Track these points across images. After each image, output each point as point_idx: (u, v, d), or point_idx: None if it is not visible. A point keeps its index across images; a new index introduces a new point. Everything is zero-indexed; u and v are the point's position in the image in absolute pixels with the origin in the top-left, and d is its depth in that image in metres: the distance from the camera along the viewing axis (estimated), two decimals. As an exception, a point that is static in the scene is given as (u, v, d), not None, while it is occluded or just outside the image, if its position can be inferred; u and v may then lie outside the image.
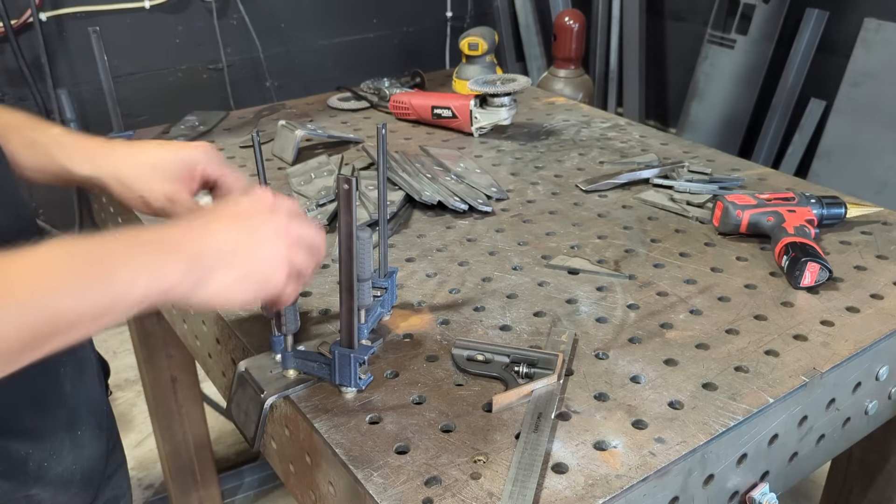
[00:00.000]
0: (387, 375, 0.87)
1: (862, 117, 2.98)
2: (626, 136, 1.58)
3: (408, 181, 1.31)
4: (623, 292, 1.03)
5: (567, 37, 2.67)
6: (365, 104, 1.76)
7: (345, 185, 0.72)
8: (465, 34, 1.85)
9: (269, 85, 3.23)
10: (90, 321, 0.59)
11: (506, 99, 1.52)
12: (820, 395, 0.88)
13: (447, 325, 0.96)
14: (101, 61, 1.52)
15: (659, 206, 1.27)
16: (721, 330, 0.94)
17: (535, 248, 1.14)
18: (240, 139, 1.58)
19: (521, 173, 1.41)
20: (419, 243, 1.17)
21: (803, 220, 1.12)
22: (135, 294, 0.60)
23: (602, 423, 0.79)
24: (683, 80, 3.73)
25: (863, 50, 2.97)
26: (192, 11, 2.99)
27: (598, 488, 0.71)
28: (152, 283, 0.62)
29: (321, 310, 0.99)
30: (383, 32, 3.49)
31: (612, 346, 0.92)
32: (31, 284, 0.55)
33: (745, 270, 1.08)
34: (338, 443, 0.77)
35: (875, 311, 0.98)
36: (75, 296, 0.57)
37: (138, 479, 2.25)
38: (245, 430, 0.90)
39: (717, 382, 0.85)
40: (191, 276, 0.65)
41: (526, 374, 0.85)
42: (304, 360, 0.85)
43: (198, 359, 1.19)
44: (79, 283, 0.58)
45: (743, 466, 0.82)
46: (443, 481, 0.72)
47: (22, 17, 2.58)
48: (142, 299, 0.61)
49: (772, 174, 1.38)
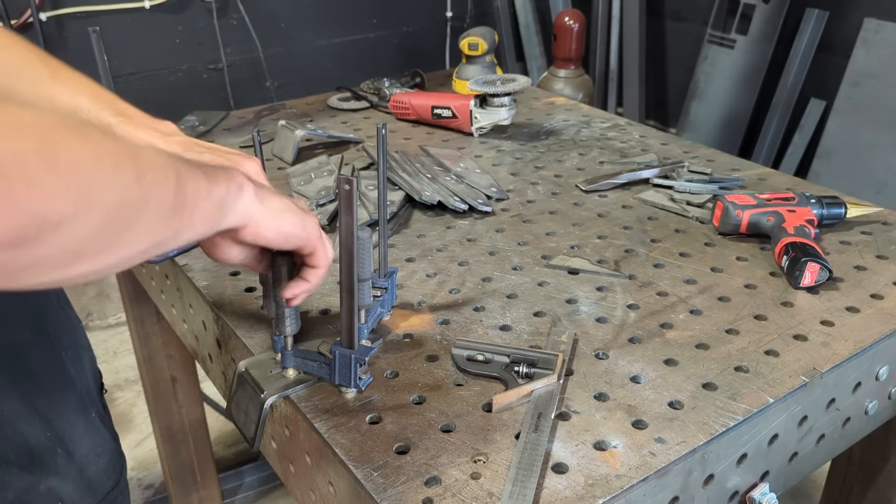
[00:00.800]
0: (387, 375, 0.87)
1: (862, 117, 2.98)
2: (626, 136, 1.58)
3: (408, 181, 1.31)
4: (623, 292, 1.03)
5: (567, 37, 2.67)
6: (365, 104, 1.76)
7: (346, 186, 0.72)
8: (465, 34, 1.85)
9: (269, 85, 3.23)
10: (164, 220, 0.57)
11: (506, 99, 1.52)
12: (820, 395, 0.88)
13: (447, 325, 0.96)
14: (101, 61, 1.53)
15: (659, 206, 1.27)
16: (721, 330, 0.94)
17: (535, 248, 1.14)
18: (240, 139, 1.58)
19: (521, 173, 1.41)
20: (419, 243, 1.17)
21: (803, 220, 1.12)
22: (211, 202, 0.62)
23: (602, 423, 0.79)
24: (683, 80, 3.73)
25: (863, 50, 2.97)
26: (192, 11, 2.99)
27: (598, 488, 0.71)
28: (229, 192, 0.64)
29: (321, 310, 0.99)
30: (383, 32, 3.49)
31: (612, 346, 0.92)
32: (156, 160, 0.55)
33: (745, 270, 1.08)
34: (338, 443, 0.77)
35: (875, 311, 0.98)
36: (160, 187, 0.56)
37: (138, 479, 2.25)
38: (245, 430, 0.90)
39: (717, 382, 0.85)
40: (255, 193, 0.68)
41: (526, 374, 0.85)
42: (303, 360, 0.85)
43: (198, 359, 1.19)
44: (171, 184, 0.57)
45: (743, 466, 0.82)
46: (443, 481, 0.72)
47: (22, 17, 2.59)
48: (216, 209, 0.63)
49: (772, 174, 1.38)
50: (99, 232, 0.48)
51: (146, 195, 0.52)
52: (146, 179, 0.52)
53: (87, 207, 0.46)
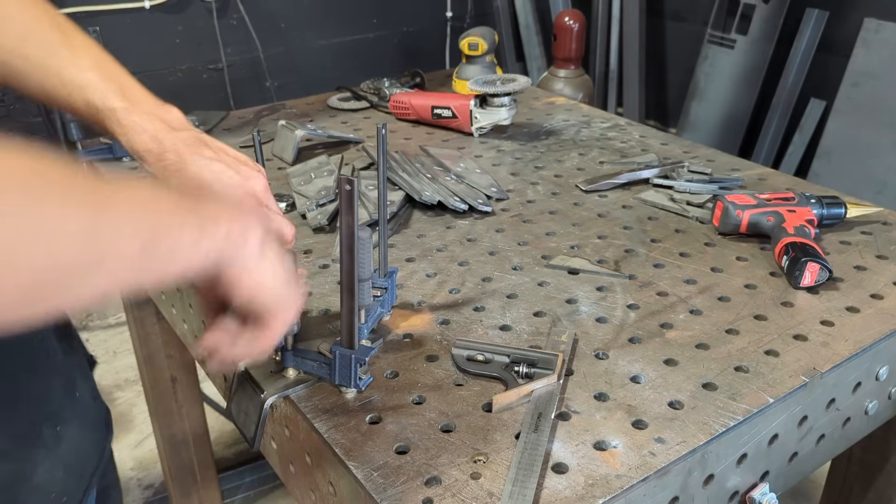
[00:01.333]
0: (387, 375, 0.87)
1: (862, 117, 2.99)
2: (626, 136, 1.58)
3: (408, 181, 1.31)
4: (623, 292, 1.03)
5: (567, 37, 2.67)
6: (365, 104, 1.76)
7: (346, 186, 0.72)
8: (465, 34, 1.85)
9: (269, 85, 3.23)
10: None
11: (506, 99, 1.53)
12: (820, 395, 0.88)
13: (447, 325, 0.96)
14: (101, 61, 1.52)
15: (659, 206, 1.27)
16: (721, 330, 0.94)
17: (535, 248, 1.14)
18: (240, 139, 1.58)
19: (521, 173, 1.41)
20: (419, 243, 1.17)
21: (803, 220, 1.12)
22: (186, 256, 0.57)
23: (602, 423, 0.79)
24: (683, 80, 3.73)
25: (863, 50, 2.97)
26: (192, 11, 2.99)
27: (598, 488, 0.71)
28: (225, 248, 0.60)
29: (321, 310, 0.99)
30: (383, 32, 3.49)
31: (612, 346, 0.92)
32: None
33: (745, 270, 1.08)
34: (338, 443, 0.77)
35: (875, 311, 0.98)
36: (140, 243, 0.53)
37: (138, 479, 2.25)
38: (245, 430, 0.90)
39: (717, 382, 0.85)
40: (259, 250, 0.63)
41: (526, 374, 0.85)
42: (303, 360, 0.85)
43: (198, 359, 1.19)
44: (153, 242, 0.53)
45: (743, 466, 0.82)
46: (443, 481, 0.72)
47: (22, 17, 2.58)
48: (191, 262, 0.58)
49: (772, 174, 1.38)
50: (32, 289, 0.46)
51: (100, 254, 0.49)
52: (101, 238, 0.49)
53: (11, 272, 0.44)
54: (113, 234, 0.50)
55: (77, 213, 0.48)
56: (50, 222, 0.46)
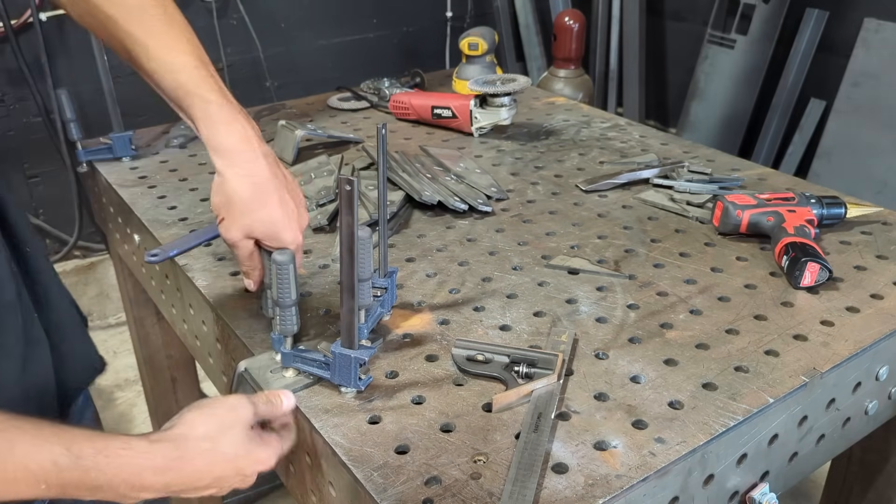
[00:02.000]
0: (387, 375, 0.87)
1: (862, 117, 2.98)
2: (626, 136, 1.58)
3: (408, 181, 1.31)
4: (623, 292, 1.03)
5: (567, 37, 2.67)
6: (365, 104, 1.76)
7: (346, 186, 0.72)
8: (465, 34, 1.85)
9: (269, 85, 3.23)
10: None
11: (506, 99, 1.52)
12: (820, 395, 0.88)
13: (447, 325, 0.96)
14: (101, 61, 1.53)
15: (659, 206, 1.27)
16: (721, 330, 0.94)
17: (535, 248, 1.14)
18: (240, 139, 1.58)
19: (521, 173, 1.41)
20: (419, 243, 1.17)
21: (803, 220, 1.12)
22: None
23: (602, 423, 0.79)
24: (683, 80, 3.73)
25: (863, 50, 2.97)
26: (192, 11, 2.99)
27: (598, 488, 0.71)
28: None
29: (321, 310, 0.99)
30: (383, 32, 3.49)
31: (612, 346, 0.92)
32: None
33: (745, 270, 1.08)
34: (338, 443, 0.77)
35: (875, 311, 0.98)
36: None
37: (138, 479, 2.25)
38: (245, 430, 0.89)
39: (717, 382, 0.85)
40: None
41: (526, 374, 0.85)
42: (303, 360, 0.85)
43: (198, 359, 1.19)
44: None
45: (743, 466, 0.82)
46: (443, 481, 0.72)
47: (22, 17, 2.58)
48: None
49: (772, 174, 1.38)
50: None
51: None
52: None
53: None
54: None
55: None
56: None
